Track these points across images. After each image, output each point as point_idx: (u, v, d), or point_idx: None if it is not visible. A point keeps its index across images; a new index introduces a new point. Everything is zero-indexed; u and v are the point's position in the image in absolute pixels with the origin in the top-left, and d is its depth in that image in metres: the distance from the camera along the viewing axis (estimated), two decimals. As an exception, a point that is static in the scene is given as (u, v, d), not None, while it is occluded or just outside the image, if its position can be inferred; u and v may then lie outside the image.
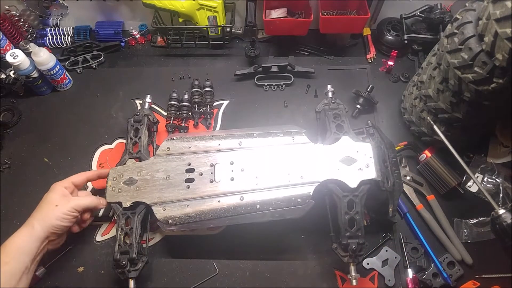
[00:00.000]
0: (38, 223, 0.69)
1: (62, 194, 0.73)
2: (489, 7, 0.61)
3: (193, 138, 0.83)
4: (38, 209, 0.72)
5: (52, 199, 0.72)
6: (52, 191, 0.73)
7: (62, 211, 0.70)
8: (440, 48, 0.77)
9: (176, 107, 0.98)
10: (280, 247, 0.84)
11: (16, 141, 0.99)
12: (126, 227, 0.76)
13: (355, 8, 1.09)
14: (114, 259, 0.72)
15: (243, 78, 1.08)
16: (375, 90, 0.98)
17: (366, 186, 0.74)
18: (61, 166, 0.95)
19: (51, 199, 0.72)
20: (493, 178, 0.87)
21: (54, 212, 0.70)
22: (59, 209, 0.70)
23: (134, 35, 1.16)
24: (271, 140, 0.81)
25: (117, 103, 1.04)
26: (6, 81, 1.01)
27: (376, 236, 0.84)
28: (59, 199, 0.72)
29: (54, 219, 0.70)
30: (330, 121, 0.82)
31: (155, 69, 1.11)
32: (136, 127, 0.87)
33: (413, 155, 0.94)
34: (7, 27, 1.09)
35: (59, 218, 0.70)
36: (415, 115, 0.92)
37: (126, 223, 0.77)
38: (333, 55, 1.12)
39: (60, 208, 0.70)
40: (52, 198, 0.72)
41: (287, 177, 0.76)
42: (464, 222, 0.85)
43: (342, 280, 0.80)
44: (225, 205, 0.75)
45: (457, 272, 0.80)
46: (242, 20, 1.15)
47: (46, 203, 0.72)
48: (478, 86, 0.67)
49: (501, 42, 0.58)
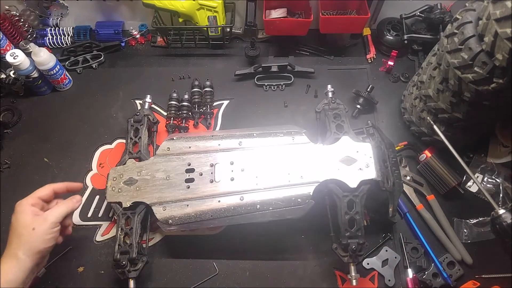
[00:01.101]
0: (22, 253, 0.61)
1: (33, 214, 0.65)
2: (489, 7, 0.61)
3: (193, 138, 0.83)
4: (15, 235, 0.63)
5: (26, 222, 0.63)
6: (20, 213, 0.65)
7: (43, 232, 0.63)
8: (440, 48, 0.77)
9: (176, 107, 0.98)
10: (280, 247, 0.84)
11: (16, 141, 0.99)
12: (126, 227, 0.76)
13: (355, 8, 1.09)
14: (114, 259, 0.72)
15: (243, 78, 1.08)
16: (375, 90, 0.98)
17: (366, 186, 0.74)
18: (61, 166, 0.95)
19: (24, 222, 0.63)
20: (493, 178, 0.87)
21: (34, 237, 0.63)
22: (38, 231, 0.63)
23: (134, 35, 1.16)
24: (271, 140, 0.81)
25: (117, 103, 1.04)
26: (6, 81, 1.00)
27: (376, 236, 0.84)
28: (32, 220, 0.64)
29: (37, 244, 0.63)
30: (330, 121, 0.82)
31: (155, 69, 1.11)
32: (136, 127, 0.87)
33: (413, 155, 0.94)
34: (7, 27, 1.09)
35: (42, 242, 0.63)
36: (415, 115, 0.92)
37: (126, 223, 0.77)
38: (333, 55, 1.12)
39: (38, 231, 0.63)
40: (25, 221, 0.64)
41: (287, 177, 0.76)
42: (464, 222, 0.85)
43: (342, 280, 0.80)
44: (225, 205, 0.75)
45: (457, 272, 0.80)
46: (242, 20, 1.15)
47: (21, 227, 0.63)
48: (478, 86, 0.67)
49: (501, 42, 0.58)
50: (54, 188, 0.72)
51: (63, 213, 0.68)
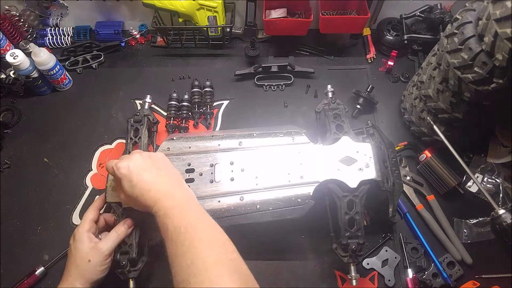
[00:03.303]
0: (79, 283, 0.66)
1: (89, 242, 0.69)
2: (489, 7, 0.61)
3: (193, 138, 0.83)
4: (73, 265, 0.68)
5: (83, 253, 0.68)
6: (79, 242, 0.69)
7: (97, 263, 0.68)
8: (440, 48, 0.77)
9: (176, 107, 0.98)
10: (280, 247, 0.84)
11: (16, 141, 0.99)
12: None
13: (355, 8, 1.09)
14: (114, 259, 0.72)
15: (243, 78, 1.08)
16: (375, 90, 0.98)
17: (366, 186, 0.74)
18: (61, 166, 0.95)
19: (82, 253, 0.68)
20: (493, 178, 0.87)
21: (90, 269, 0.67)
22: (93, 263, 0.67)
23: (134, 35, 1.16)
24: (271, 140, 0.81)
25: (117, 103, 1.04)
26: (6, 81, 1.00)
27: (376, 236, 0.84)
28: (89, 252, 0.68)
29: (93, 275, 0.67)
30: (330, 121, 0.82)
31: (155, 69, 1.11)
32: (136, 127, 0.87)
33: (413, 155, 0.94)
34: (7, 27, 1.09)
35: (97, 273, 0.68)
36: (415, 115, 0.92)
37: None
38: (333, 55, 1.12)
39: (93, 262, 0.67)
40: (82, 251, 0.68)
41: (287, 177, 0.76)
42: (464, 222, 0.85)
43: (342, 280, 0.80)
44: (225, 205, 0.75)
45: (457, 272, 0.80)
46: (242, 20, 1.15)
47: (79, 258, 0.68)
48: (478, 86, 0.67)
49: (501, 42, 0.58)
50: (96, 206, 0.76)
51: (115, 243, 0.71)
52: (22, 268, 0.81)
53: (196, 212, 0.63)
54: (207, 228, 0.60)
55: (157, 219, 0.62)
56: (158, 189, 0.64)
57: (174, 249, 0.56)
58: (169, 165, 0.72)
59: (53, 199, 0.90)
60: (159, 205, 0.62)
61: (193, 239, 0.56)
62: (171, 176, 0.69)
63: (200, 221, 0.61)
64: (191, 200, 0.67)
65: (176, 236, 0.57)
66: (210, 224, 0.61)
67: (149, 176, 0.66)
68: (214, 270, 0.52)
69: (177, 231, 0.57)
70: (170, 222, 0.59)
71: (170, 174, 0.69)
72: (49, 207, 0.89)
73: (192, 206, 0.65)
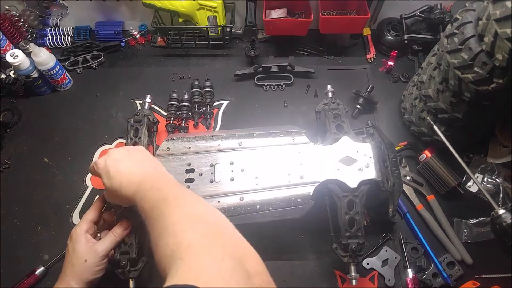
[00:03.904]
0: (75, 282, 0.66)
1: (86, 242, 0.69)
2: (489, 7, 0.61)
3: (193, 138, 0.83)
4: (69, 264, 0.68)
5: (80, 253, 0.68)
6: (76, 242, 0.69)
7: (93, 264, 0.67)
8: (440, 48, 0.77)
9: (176, 107, 0.98)
10: (280, 247, 0.84)
11: (16, 141, 0.99)
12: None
13: (355, 8, 1.09)
14: (114, 259, 0.72)
15: (243, 78, 1.08)
16: (375, 90, 0.98)
17: (366, 186, 0.74)
18: (61, 166, 0.95)
19: (78, 253, 0.68)
20: (493, 178, 0.87)
21: (86, 269, 0.67)
22: (89, 264, 0.67)
23: (134, 35, 1.16)
24: (271, 140, 0.81)
25: (117, 103, 1.04)
26: (6, 81, 1.00)
27: (376, 236, 0.84)
28: (85, 252, 0.68)
29: (88, 275, 0.67)
30: (330, 121, 0.82)
31: (155, 69, 1.11)
32: (136, 127, 0.87)
33: (413, 155, 0.94)
34: (7, 27, 1.08)
35: (93, 273, 0.67)
36: (415, 115, 0.92)
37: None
38: (333, 55, 1.12)
39: (89, 263, 0.67)
40: (79, 252, 0.68)
41: (287, 177, 0.76)
42: (464, 222, 0.85)
43: (342, 280, 0.80)
44: (225, 205, 0.75)
45: (457, 272, 0.80)
46: (242, 20, 1.15)
47: (75, 258, 0.68)
48: (478, 86, 0.67)
49: (501, 42, 0.58)
50: (97, 207, 0.75)
51: (112, 244, 0.70)
52: (22, 268, 0.81)
53: (173, 190, 0.61)
54: (182, 200, 0.58)
55: (137, 207, 0.61)
56: (134, 176, 0.63)
57: (150, 227, 0.55)
58: (146, 154, 0.71)
59: (53, 199, 0.90)
60: (138, 193, 0.61)
61: (165, 211, 0.54)
62: (147, 163, 0.68)
63: (175, 196, 0.58)
64: (168, 181, 0.65)
65: (151, 212, 0.56)
66: (186, 198, 0.59)
67: (124, 166, 0.65)
68: (178, 226, 0.51)
69: (151, 208, 0.56)
70: (146, 204, 0.58)
71: (146, 161, 0.68)
72: (49, 207, 0.89)
73: (168, 184, 0.63)
